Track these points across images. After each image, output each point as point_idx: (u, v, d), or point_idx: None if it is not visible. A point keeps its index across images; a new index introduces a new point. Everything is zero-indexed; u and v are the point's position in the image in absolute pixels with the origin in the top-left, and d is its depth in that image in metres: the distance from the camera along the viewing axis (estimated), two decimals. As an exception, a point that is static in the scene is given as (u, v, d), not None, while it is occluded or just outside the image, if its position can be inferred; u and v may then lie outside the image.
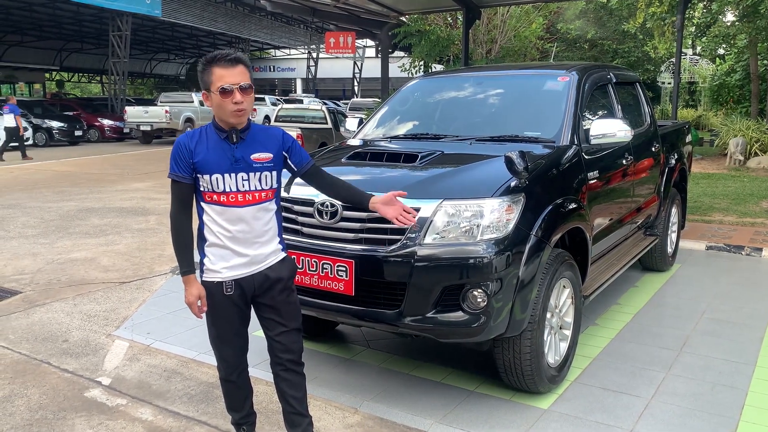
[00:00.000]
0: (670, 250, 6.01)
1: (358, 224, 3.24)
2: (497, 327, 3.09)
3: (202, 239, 2.67)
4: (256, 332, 4.44)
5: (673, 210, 6.03)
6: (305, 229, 3.42)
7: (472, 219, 3.11)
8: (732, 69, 19.28)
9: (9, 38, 35.45)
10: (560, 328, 3.62)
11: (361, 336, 4.44)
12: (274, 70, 53.57)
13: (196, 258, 2.67)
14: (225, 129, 2.58)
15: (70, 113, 23.58)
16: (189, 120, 23.20)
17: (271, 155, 2.62)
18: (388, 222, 3.15)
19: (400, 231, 3.15)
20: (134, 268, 6.16)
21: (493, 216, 3.10)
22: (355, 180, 3.61)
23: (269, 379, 3.73)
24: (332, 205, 3.31)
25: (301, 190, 3.50)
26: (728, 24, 16.44)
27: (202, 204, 2.62)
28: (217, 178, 2.54)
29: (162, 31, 37.08)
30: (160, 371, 3.93)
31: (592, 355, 4.06)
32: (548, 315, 3.40)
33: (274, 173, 2.65)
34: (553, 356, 3.53)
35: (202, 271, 2.69)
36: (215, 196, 2.57)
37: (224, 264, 2.63)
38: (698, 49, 27.69)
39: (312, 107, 19.09)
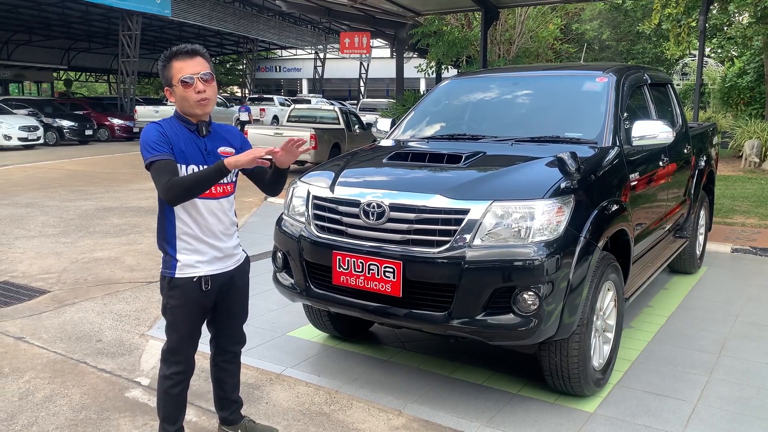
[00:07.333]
0: (698, 252, 5.98)
1: (405, 225, 3.22)
2: (548, 330, 3.06)
3: (171, 235, 2.65)
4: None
5: (702, 212, 6.00)
6: (350, 230, 3.39)
7: (521, 221, 3.08)
8: (743, 71, 19.15)
9: (17, 37, 35.57)
10: (604, 330, 3.59)
11: (395, 337, 4.41)
12: (280, 71, 53.62)
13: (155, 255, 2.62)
14: (193, 122, 2.61)
15: (80, 112, 23.61)
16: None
17: (234, 150, 2.69)
18: (436, 223, 3.15)
19: (449, 233, 3.13)
20: (159, 268, 6.12)
21: (543, 218, 3.07)
22: (401, 180, 3.59)
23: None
24: (379, 206, 3.28)
25: (346, 190, 3.48)
26: (745, 26, 16.33)
27: None
28: (192, 170, 2.57)
29: (170, 30, 37.13)
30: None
31: (632, 358, 4.02)
32: (594, 317, 3.38)
33: None
34: (597, 359, 3.50)
35: (173, 268, 2.64)
36: None
37: (199, 258, 2.64)
38: (708, 50, 27.54)
39: (324, 107, 19.04)
